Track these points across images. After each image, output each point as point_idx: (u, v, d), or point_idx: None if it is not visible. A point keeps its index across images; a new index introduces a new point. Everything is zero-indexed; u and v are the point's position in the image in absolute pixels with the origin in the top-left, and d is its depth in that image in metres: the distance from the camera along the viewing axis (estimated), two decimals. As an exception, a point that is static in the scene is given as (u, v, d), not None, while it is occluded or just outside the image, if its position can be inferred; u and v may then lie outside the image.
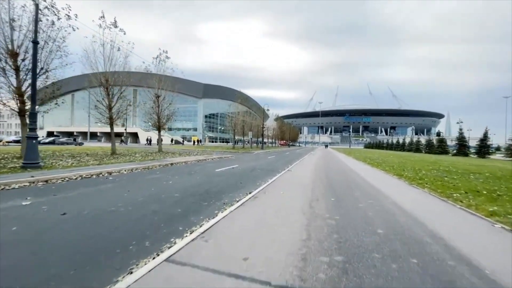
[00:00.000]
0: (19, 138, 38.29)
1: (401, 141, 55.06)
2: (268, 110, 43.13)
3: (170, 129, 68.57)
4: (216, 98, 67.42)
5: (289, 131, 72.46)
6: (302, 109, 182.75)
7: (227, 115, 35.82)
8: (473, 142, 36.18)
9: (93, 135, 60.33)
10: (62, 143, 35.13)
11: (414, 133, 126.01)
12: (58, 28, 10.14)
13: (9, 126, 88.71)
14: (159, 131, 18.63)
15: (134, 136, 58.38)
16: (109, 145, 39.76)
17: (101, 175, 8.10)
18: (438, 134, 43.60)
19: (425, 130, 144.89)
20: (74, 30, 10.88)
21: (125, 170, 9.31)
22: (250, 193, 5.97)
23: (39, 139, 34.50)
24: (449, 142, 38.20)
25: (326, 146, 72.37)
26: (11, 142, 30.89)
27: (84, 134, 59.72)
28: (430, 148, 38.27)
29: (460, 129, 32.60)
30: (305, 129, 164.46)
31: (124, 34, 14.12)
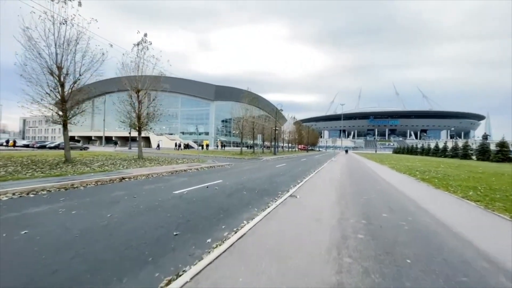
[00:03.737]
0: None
1: (440, 145, 46.52)
2: (281, 110, 38.27)
3: (182, 133, 66.78)
4: (229, 101, 64.10)
5: (307, 134, 66.66)
6: (322, 113, 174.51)
7: (234, 118, 31.86)
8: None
9: (109, 139, 60.07)
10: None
11: (449, 137, 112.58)
12: None
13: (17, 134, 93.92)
14: (139, 133, 15.07)
15: (146, 140, 56.88)
16: (121, 149, 38.29)
17: None
18: (485, 137, 35.85)
19: (463, 133, 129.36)
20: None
21: (13, 193, 5.57)
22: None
23: (46, 143, 33.04)
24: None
25: (346, 151, 64.17)
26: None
27: (102, 138, 59.68)
28: (483, 154, 30.82)
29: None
30: (326, 133, 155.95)
31: (80, 5, 10.79)
